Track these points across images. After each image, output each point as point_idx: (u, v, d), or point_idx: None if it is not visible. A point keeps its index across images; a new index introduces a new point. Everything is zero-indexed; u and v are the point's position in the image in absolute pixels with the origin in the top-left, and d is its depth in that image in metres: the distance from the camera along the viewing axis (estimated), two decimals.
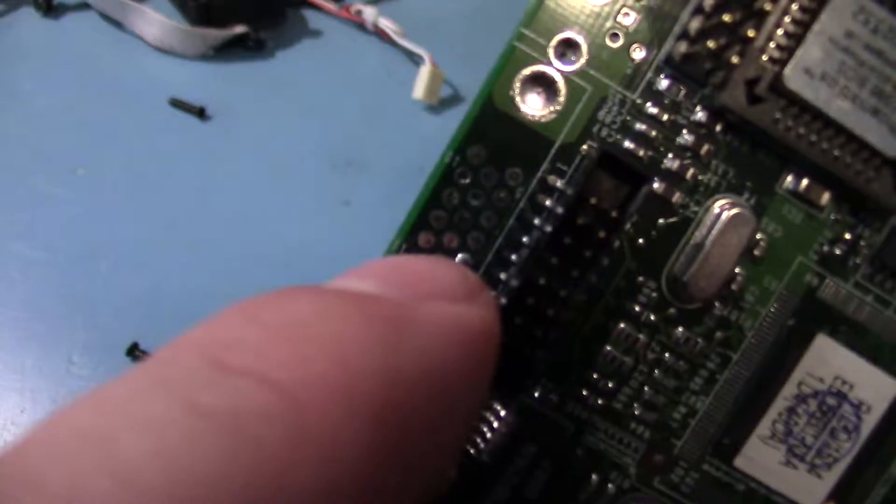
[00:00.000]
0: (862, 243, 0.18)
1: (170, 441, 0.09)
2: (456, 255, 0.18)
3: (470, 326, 0.13)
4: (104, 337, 0.44)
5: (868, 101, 0.16)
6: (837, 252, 0.18)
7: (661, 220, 0.18)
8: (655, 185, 0.18)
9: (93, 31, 0.54)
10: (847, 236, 0.18)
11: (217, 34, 0.53)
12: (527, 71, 0.18)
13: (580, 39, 0.17)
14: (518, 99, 0.18)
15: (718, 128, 0.18)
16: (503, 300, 0.17)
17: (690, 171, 0.18)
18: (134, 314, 0.45)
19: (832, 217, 0.18)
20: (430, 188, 0.19)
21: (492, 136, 0.18)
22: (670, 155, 0.18)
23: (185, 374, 0.10)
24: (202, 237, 0.48)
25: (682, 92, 0.18)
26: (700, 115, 0.18)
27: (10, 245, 0.46)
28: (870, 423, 0.18)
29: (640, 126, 0.18)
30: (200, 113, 0.52)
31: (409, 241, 0.19)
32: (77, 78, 0.52)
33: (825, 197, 0.18)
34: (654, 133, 0.18)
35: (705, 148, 0.18)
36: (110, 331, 0.44)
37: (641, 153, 0.18)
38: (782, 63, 0.16)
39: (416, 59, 0.55)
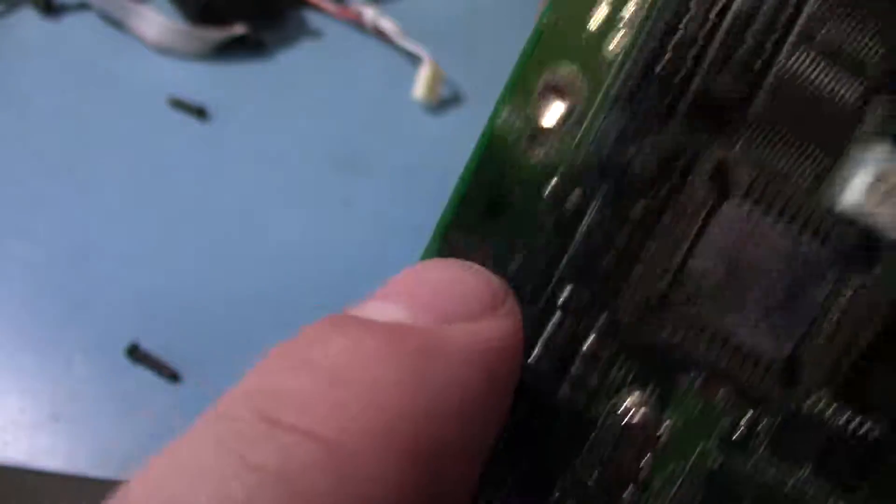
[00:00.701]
0: (759, 428, 0.19)
1: (234, 496, 0.11)
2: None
3: (496, 343, 0.14)
4: (104, 337, 0.44)
5: (756, 308, 0.18)
6: (737, 437, 0.19)
7: (563, 423, 0.19)
8: (561, 392, 0.19)
9: (93, 31, 0.54)
10: (745, 422, 0.19)
11: (217, 34, 0.53)
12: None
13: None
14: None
15: (619, 334, 0.19)
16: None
17: (591, 375, 0.19)
18: (134, 314, 0.45)
19: (730, 406, 0.19)
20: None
21: None
22: (576, 362, 0.19)
23: (239, 432, 0.12)
24: (202, 237, 0.48)
25: (583, 300, 0.19)
26: (601, 322, 0.19)
27: (10, 245, 0.46)
28: None
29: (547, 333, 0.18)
30: (200, 113, 0.52)
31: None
32: (77, 78, 0.52)
33: (722, 391, 0.19)
34: (560, 338, 0.19)
35: (605, 352, 0.19)
36: (110, 331, 0.44)
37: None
38: (673, 279, 0.18)
39: (416, 59, 0.55)
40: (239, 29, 0.54)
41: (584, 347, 0.18)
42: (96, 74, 0.52)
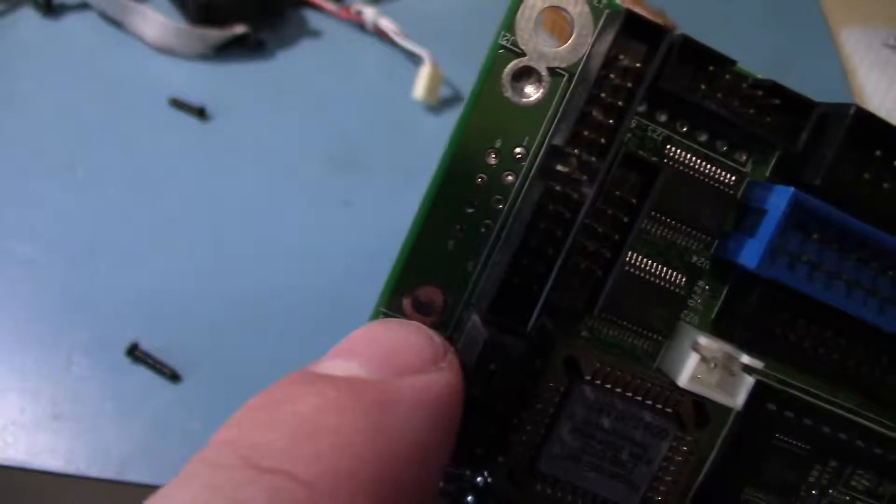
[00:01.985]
0: None
1: None
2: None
3: (440, 392, 0.16)
4: (104, 337, 0.44)
5: (608, 469, 0.21)
6: None
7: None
8: None
9: (93, 31, 0.54)
10: None
11: (217, 34, 0.53)
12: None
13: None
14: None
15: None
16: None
17: None
18: (134, 314, 0.45)
19: None
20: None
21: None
22: None
23: (229, 477, 0.13)
24: (202, 237, 0.48)
25: (463, 473, 0.22)
26: (479, 479, 0.22)
27: (11, 245, 0.46)
28: None
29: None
30: (200, 113, 0.52)
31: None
32: (77, 78, 0.52)
33: None
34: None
35: None
36: (110, 331, 0.44)
37: None
38: (539, 449, 0.21)
39: (416, 59, 0.55)
40: (239, 29, 0.54)
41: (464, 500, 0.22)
42: (96, 74, 0.52)
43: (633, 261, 0.22)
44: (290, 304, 0.46)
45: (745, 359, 0.22)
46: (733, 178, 0.22)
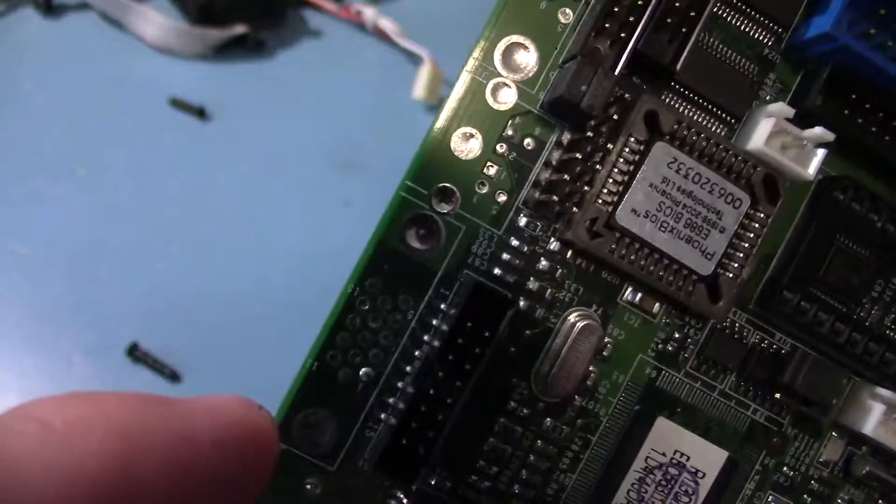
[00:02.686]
0: (689, 341, 0.23)
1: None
2: (360, 370, 0.22)
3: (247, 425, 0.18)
4: (104, 337, 0.44)
5: (683, 231, 0.21)
6: (670, 349, 0.23)
7: (527, 332, 0.22)
8: (521, 304, 0.22)
9: (93, 31, 0.54)
10: (676, 336, 0.23)
11: (217, 34, 0.53)
12: (411, 215, 0.22)
13: (454, 188, 0.22)
14: (405, 237, 0.22)
15: (569, 255, 0.22)
16: (401, 405, 0.21)
17: (548, 290, 0.22)
18: (134, 314, 0.45)
19: (664, 321, 0.23)
20: (335, 314, 0.23)
21: (385, 269, 0.22)
22: (531, 278, 0.22)
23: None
24: (202, 237, 0.48)
25: (539, 227, 0.22)
26: (553, 245, 0.22)
27: (11, 245, 0.46)
28: (705, 486, 0.23)
29: (506, 256, 0.22)
30: (200, 113, 0.52)
31: (320, 359, 0.22)
32: (77, 78, 0.52)
33: (656, 306, 0.23)
34: (517, 261, 0.22)
35: (559, 272, 0.22)
36: (110, 331, 0.44)
37: (508, 278, 0.22)
38: (615, 205, 0.21)
39: (416, 59, 0.55)
40: (239, 29, 0.54)
41: (539, 265, 0.22)
42: (96, 74, 0.52)
43: (706, 40, 0.21)
44: (290, 304, 0.46)
45: (818, 130, 0.21)
46: None
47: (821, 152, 0.22)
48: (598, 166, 0.21)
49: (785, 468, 0.23)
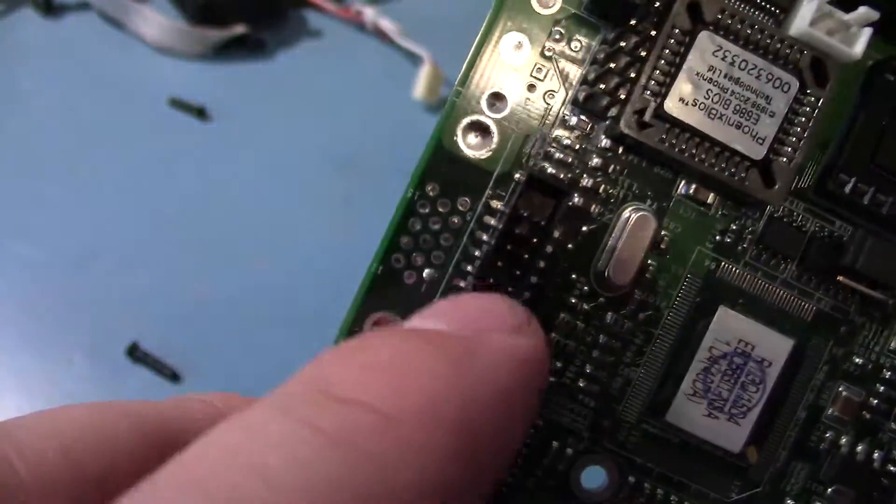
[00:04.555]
0: (746, 231, 0.23)
1: (301, 453, 0.12)
2: (423, 271, 0.22)
3: (523, 352, 0.16)
4: (104, 337, 0.44)
5: (732, 118, 0.21)
6: (728, 240, 0.23)
7: (583, 228, 0.22)
8: (575, 200, 0.22)
9: (93, 31, 0.54)
10: (733, 227, 0.23)
11: (217, 34, 0.53)
12: (465, 120, 0.22)
13: (505, 92, 0.22)
14: (461, 142, 0.22)
15: (620, 150, 0.22)
16: None
17: (602, 187, 0.22)
18: (134, 314, 0.45)
19: (719, 213, 0.23)
20: (396, 219, 0.23)
21: (443, 173, 0.23)
22: (585, 176, 0.22)
23: (301, 402, 0.13)
24: (202, 237, 0.48)
25: (589, 125, 0.22)
26: (605, 142, 0.22)
27: (10, 245, 0.46)
28: (772, 375, 0.23)
29: (558, 155, 0.22)
30: (200, 113, 0.52)
31: (384, 263, 0.23)
32: (77, 78, 0.52)
33: (711, 196, 0.23)
34: (570, 159, 0.22)
35: (612, 168, 0.22)
36: (110, 331, 0.44)
37: (562, 176, 0.23)
38: (662, 96, 0.21)
39: (416, 59, 0.55)
40: (239, 29, 0.54)
41: (592, 162, 0.22)
42: (96, 74, 0.52)
43: None
44: (290, 304, 0.46)
45: (862, 10, 0.21)
46: None
47: (866, 31, 0.21)
48: (643, 60, 0.22)
49: (855, 357, 0.23)
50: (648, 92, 0.21)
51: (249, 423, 0.13)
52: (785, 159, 0.22)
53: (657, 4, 0.22)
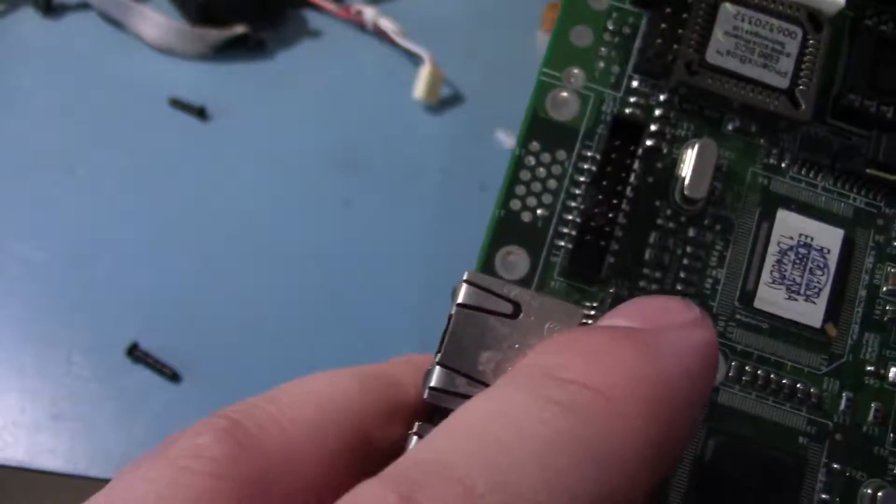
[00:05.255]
0: (786, 152, 0.29)
1: (544, 416, 0.16)
2: (536, 211, 0.27)
3: (700, 341, 0.20)
4: (104, 337, 0.44)
5: (759, 60, 0.28)
6: (773, 161, 0.29)
7: (658, 165, 0.28)
8: (649, 143, 0.28)
9: (93, 31, 0.54)
10: (775, 151, 0.29)
11: (217, 34, 0.53)
12: (552, 92, 0.28)
13: (578, 70, 0.28)
14: (550, 109, 0.28)
15: (677, 101, 0.28)
16: (574, 232, 0.27)
17: (667, 129, 0.28)
18: (134, 314, 0.45)
19: (762, 141, 0.29)
20: (510, 173, 0.28)
21: (540, 132, 0.28)
22: (652, 124, 0.28)
23: (539, 382, 0.17)
24: (202, 237, 0.48)
25: (649, 84, 0.28)
26: (663, 96, 0.28)
27: (10, 245, 0.46)
28: (833, 260, 0.28)
29: (628, 110, 0.28)
30: (200, 113, 0.52)
31: (505, 207, 0.27)
32: (77, 78, 0.52)
33: (753, 127, 0.28)
34: (638, 112, 0.28)
35: (672, 114, 0.28)
36: (110, 331, 0.44)
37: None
38: (703, 49, 0.27)
39: (416, 59, 0.55)
40: (239, 29, 0.54)
41: (656, 113, 0.28)
42: (96, 74, 0.52)
43: None
44: (290, 304, 0.46)
45: None
46: None
47: None
48: (681, 29, 0.28)
49: (894, 241, 0.29)
50: (691, 49, 0.27)
51: (496, 396, 0.17)
52: (804, 87, 0.27)
53: None
